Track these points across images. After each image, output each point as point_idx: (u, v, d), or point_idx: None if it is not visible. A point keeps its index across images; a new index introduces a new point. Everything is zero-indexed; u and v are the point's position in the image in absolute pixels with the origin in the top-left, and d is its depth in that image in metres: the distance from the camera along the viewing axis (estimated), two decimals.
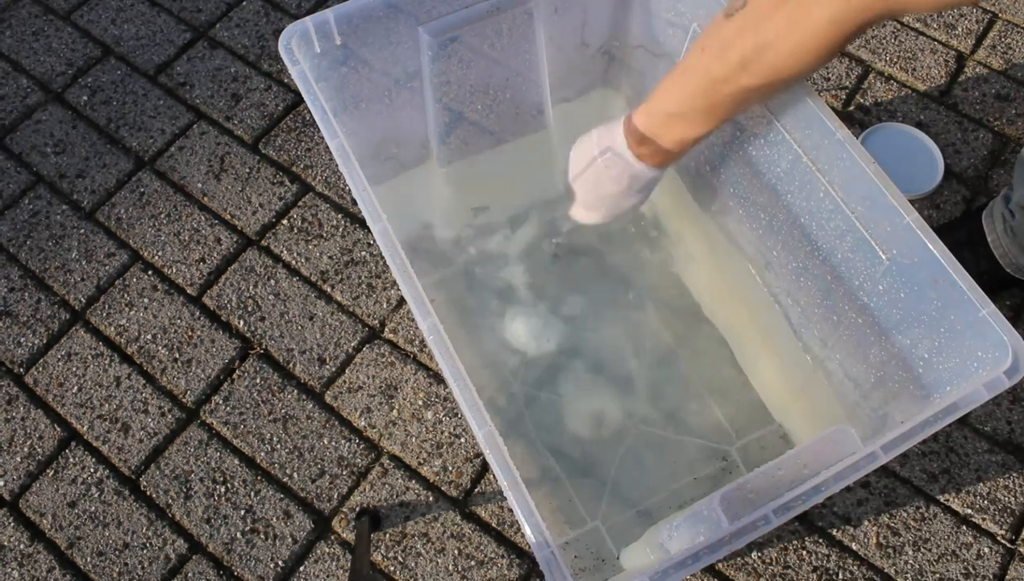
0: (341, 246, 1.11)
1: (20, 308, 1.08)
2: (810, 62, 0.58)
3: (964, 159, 1.17)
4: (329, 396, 1.02)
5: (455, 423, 1.00)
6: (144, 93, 1.24)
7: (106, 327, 1.07)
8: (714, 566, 0.93)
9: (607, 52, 0.98)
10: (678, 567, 0.56)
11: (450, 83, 0.87)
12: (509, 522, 0.95)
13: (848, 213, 0.74)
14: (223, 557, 0.94)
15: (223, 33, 1.29)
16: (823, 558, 0.93)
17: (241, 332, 1.06)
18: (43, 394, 1.03)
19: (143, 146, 1.20)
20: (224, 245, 1.12)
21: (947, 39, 1.27)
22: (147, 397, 1.03)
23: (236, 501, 0.97)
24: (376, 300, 1.08)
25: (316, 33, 0.77)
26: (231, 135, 1.20)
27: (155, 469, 0.99)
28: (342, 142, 0.71)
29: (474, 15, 0.82)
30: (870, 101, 1.22)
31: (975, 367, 0.66)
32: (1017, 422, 1.00)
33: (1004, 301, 1.06)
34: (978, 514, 0.95)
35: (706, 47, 0.63)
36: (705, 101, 0.65)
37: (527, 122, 0.96)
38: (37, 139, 1.20)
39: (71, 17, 1.31)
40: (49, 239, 1.13)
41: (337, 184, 1.16)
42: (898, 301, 0.73)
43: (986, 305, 0.64)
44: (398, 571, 0.93)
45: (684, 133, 0.68)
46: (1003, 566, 0.93)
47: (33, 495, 0.98)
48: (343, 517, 0.96)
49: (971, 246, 1.03)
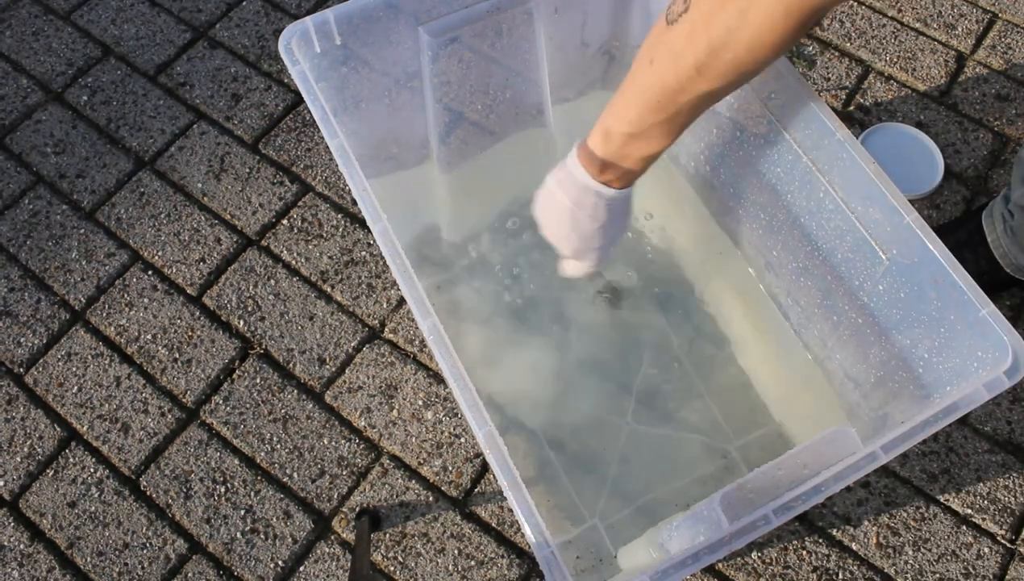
0: (341, 246, 1.11)
1: (20, 308, 1.08)
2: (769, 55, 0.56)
3: (964, 159, 1.17)
4: (329, 396, 1.02)
5: (455, 423, 1.00)
6: (144, 93, 1.24)
7: (106, 327, 1.07)
8: (714, 566, 0.93)
9: (607, 52, 0.98)
10: (678, 567, 0.56)
11: (450, 83, 0.87)
12: (509, 522, 0.95)
13: (848, 213, 0.74)
14: (223, 557, 0.94)
15: (223, 33, 1.29)
16: (823, 558, 0.93)
17: (241, 332, 1.06)
18: (43, 394, 1.03)
19: (143, 146, 1.20)
20: (224, 245, 1.12)
21: (947, 39, 1.27)
22: (147, 397, 1.03)
23: (236, 501, 0.97)
24: (376, 300, 1.08)
25: (316, 33, 0.77)
26: (231, 135, 1.20)
27: (155, 469, 0.99)
28: (342, 142, 0.71)
29: (474, 15, 0.82)
30: (870, 101, 1.22)
31: (975, 367, 0.66)
32: (1017, 422, 1.00)
33: (1004, 301, 1.06)
34: (978, 514, 0.95)
35: (655, 58, 0.60)
36: (663, 115, 0.62)
37: (527, 122, 0.96)
38: (37, 139, 1.20)
39: (71, 17, 1.31)
40: (49, 239, 1.13)
41: (337, 184, 1.16)
42: (898, 301, 0.73)
43: (986, 305, 0.64)
44: (398, 571, 0.93)
45: (645, 150, 0.65)
46: (1003, 566, 0.93)
47: (33, 495, 0.98)
48: (343, 517, 0.96)
49: (971, 246, 1.03)
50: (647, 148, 0.65)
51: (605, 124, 0.66)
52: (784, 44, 0.54)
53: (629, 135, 0.64)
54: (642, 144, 0.65)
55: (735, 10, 0.53)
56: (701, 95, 0.60)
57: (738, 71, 0.57)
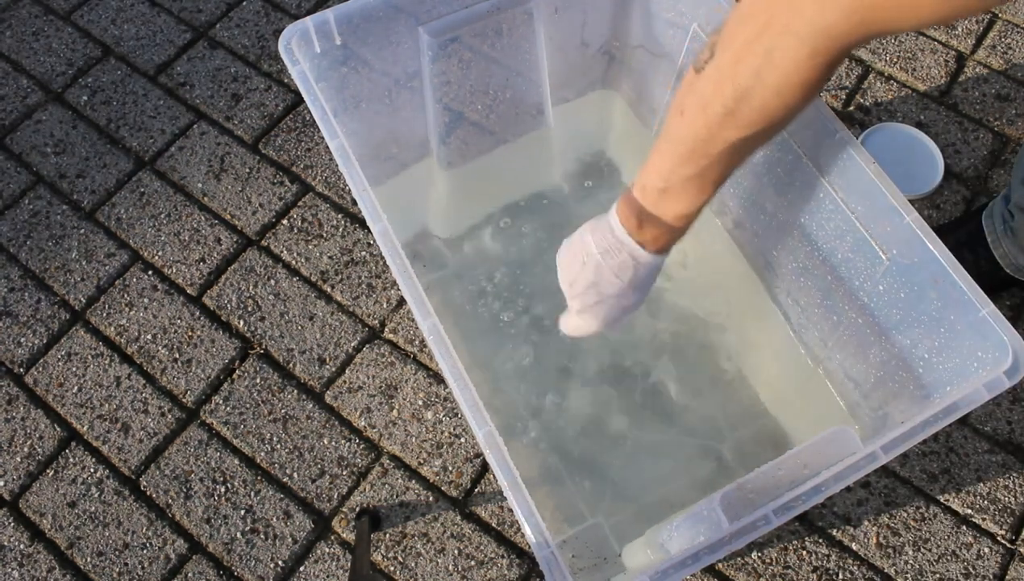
0: (341, 246, 1.11)
1: (20, 308, 1.08)
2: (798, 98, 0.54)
3: (964, 159, 1.17)
4: (329, 396, 1.02)
5: (455, 423, 1.00)
6: (144, 93, 1.24)
7: (106, 327, 1.07)
8: (714, 566, 0.93)
9: (607, 52, 0.98)
10: (678, 567, 0.56)
11: (450, 83, 0.87)
12: (509, 522, 0.95)
13: (848, 213, 0.74)
14: (223, 557, 0.94)
15: (223, 33, 1.29)
16: (823, 558, 0.93)
17: (241, 332, 1.06)
18: (43, 394, 1.03)
19: (143, 146, 1.20)
20: (224, 245, 1.12)
21: (947, 39, 1.27)
22: (147, 397, 1.03)
23: (236, 501, 0.97)
24: (376, 300, 1.08)
25: (316, 33, 0.77)
26: (231, 135, 1.20)
27: (155, 469, 0.99)
28: (342, 142, 0.71)
29: (474, 15, 0.82)
30: (870, 101, 1.22)
31: (975, 367, 0.66)
32: (1017, 422, 1.00)
33: (1004, 301, 1.06)
34: (978, 514, 0.95)
35: (685, 109, 0.58)
36: (695, 168, 0.60)
37: (527, 122, 0.96)
38: (37, 139, 1.20)
39: (71, 17, 1.31)
40: (49, 239, 1.13)
41: (337, 184, 1.16)
42: (898, 301, 0.73)
43: (986, 305, 0.64)
44: (398, 571, 0.93)
45: (680, 208, 0.63)
46: (1003, 566, 0.93)
47: (33, 495, 0.98)
48: (343, 517, 0.96)
49: (971, 246, 1.03)
50: (681, 205, 0.63)
51: (641, 180, 0.64)
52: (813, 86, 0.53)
53: (663, 190, 0.63)
54: (676, 200, 0.63)
55: (761, 51, 0.52)
56: (732, 144, 0.58)
57: (767, 117, 0.55)
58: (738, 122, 0.56)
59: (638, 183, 0.65)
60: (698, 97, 0.57)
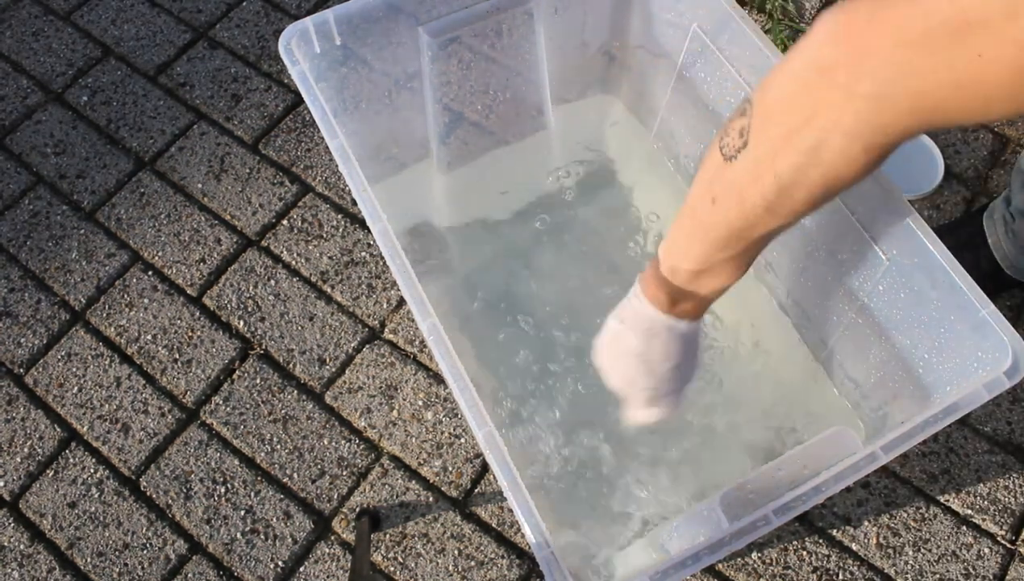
0: (341, 246, 1.11)
1: (20, 308, 1.08)
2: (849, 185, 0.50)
3: (964, 159, 1.17)
4: (329, 396, 1.02)
5: (455, 423, 1.00)
6: (144, 93, 1.24)
7: (106, 327, 1.07)
8: (714, 566, 0.93)
9: (607, 52, 0.98)
10: (678, 567, 0.56)
11: (450, 83, 0.87)
12: (509, 522, 0.95)
13: (848, 213, 0.74)
14: (223, 557, 0.94)
15: (223, 33, 1.29)
16: (823, 558, 0.93)
17: (241, 332, 1.06)
18: (43, 394, 1.03)
19: (143, 146, 1.20)
20: (224, 245, 1.12)
21: None
22: (147, 397, 1.03)
23: (236, 501, 0.97)
24: (376, 300, 1.08)
25: (316, 33, 0.77)
26: (231, 135, 1.20)
27: (155, 469, 0.99)
28: (342, 142, 0.71)
29: (474, 15, 0.82)
30: None
31: (975, 367, 0.66)
32: (1017, 422, 1.00)
33: (1004, 302, 1.06)
34: (978, 514, 0.95)
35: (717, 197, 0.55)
36: (732, 251, 0.58)
37: (527, 122, 0.96)
38: (37, 139, 1.20)
39: (71, 17, 1.31)
40: (49, 239, 1.13)
41: (337, 184, 1.16)
42: (898, 301, 0.73)
43: (986, 306, 0.64)
44: (398, 571, 0.93)
45: (716, 284, 0.62)
46: (1003, 566, 0.92)
47: (33, 495, 0.98)
48: (343, 517, 0.96)
49: (971, 247, 1.03)
50: (718, 282, 0.61)
51: (670, 262, 0.62)
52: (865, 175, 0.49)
53: (696, 272, 0.61)
54: (713, 278, 0.61)
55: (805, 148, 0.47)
56: (773, 229, 0.55)
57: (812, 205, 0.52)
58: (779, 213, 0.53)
59: (665, 263, 0.62)
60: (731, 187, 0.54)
